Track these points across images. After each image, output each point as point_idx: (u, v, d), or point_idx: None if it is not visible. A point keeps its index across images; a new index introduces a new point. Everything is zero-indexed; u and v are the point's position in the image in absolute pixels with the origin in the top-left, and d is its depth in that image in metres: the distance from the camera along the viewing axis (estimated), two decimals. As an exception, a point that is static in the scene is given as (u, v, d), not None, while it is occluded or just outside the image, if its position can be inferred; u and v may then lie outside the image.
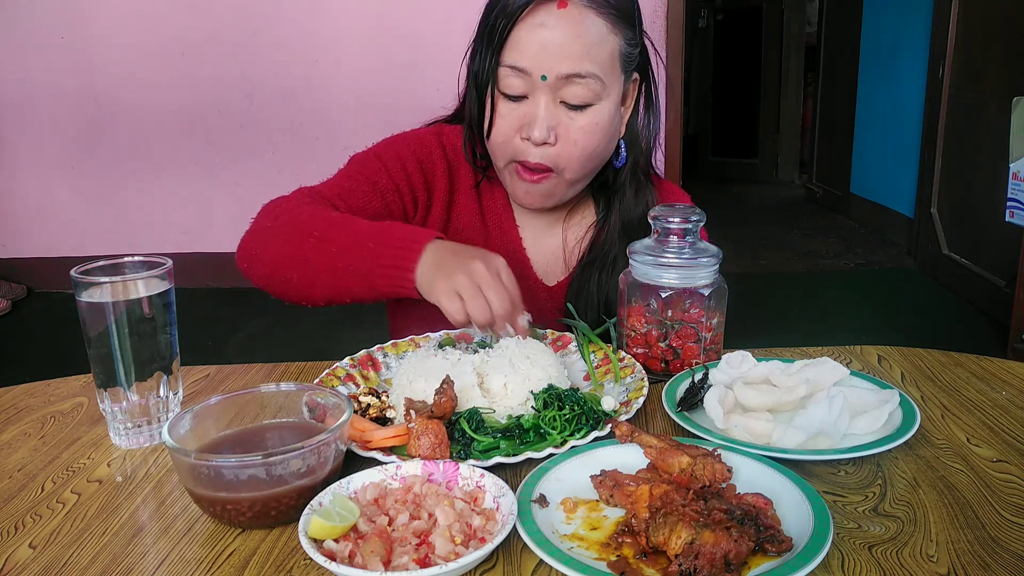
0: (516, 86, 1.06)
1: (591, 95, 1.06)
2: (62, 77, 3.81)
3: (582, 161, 1.10)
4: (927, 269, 3.99)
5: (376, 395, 0.89)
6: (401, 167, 1.18)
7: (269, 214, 1.11)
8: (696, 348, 0.99)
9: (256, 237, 1.09)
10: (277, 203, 1.12)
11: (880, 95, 4.71)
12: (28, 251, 4.04)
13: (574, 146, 1.08)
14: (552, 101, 1.06)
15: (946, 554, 0.64)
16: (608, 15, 1.05)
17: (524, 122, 1.07)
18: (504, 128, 1.09)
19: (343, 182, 1.17)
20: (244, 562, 0.65)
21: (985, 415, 0.89)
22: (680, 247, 0.98)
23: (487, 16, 1.08)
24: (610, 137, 1.12)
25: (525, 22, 1.04)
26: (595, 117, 1.08)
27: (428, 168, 1.20)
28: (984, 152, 3.36)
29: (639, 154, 1.19)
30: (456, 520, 0.65)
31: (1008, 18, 3.23)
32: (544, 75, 1.04)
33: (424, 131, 1.24)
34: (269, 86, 3.84)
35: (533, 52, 1.04)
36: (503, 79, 1.07)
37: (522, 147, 1.08)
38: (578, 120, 1.07)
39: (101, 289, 0.84)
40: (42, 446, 0.88)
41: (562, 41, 1.03)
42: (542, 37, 1.03)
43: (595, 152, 1.10)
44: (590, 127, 1.08)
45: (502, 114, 1.09)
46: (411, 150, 1.19)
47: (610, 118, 1.10)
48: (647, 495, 0.67)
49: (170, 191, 3.98)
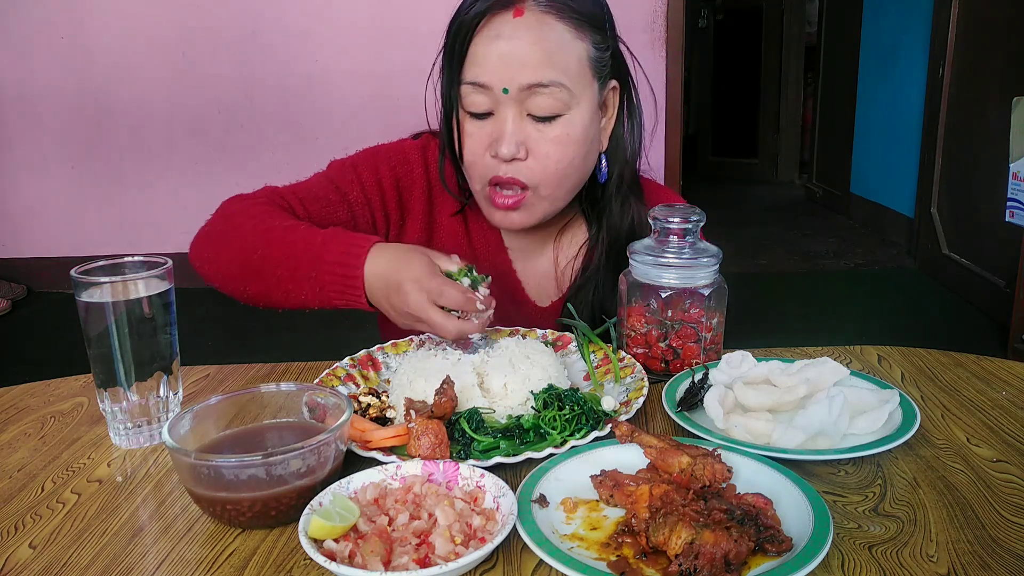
0: (480, 103, 1.02)
1: (558, 105, 1.01)
2: (62, 77, 3.81)
3: (557, 176, 1.05)
4: (927, 269, 3.99)
5: (376, 395, 0.89)
6: (376, 182, 1.15)
7: (222, 216, 1.09)
8: (696, 348, 0.99)
9: (207, 240, 1.08)
10: (233, 202, 1.10)
11: (880, 95, 4.70)
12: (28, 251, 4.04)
13: (546, 159, 1.03)
14: (519, 115, 1.02)
15: (946, 554, 0.64)
16: (570, 19, 1.00)
17: (492, 139, 1.03)
18: (473, 147, 1.05)
19: (313, 187, 1.14)
20: (244, 562, 0.65)
21: (985, 415, 0.89)
22: (680, 247, 0.98)
23: (447, 35, 1.05)
24: (586, 149, 1.07)
25: (481, 35, 1.00)
26: (566, 128, 1.03)
27: (405, 187, 1.17)
28: (984, 152, 3.36)
29: (623, 166, 1.14)
30: (456, 520, 0.65)
31: (1008, 18, 3.23)
32: (505, 88, 1.00)
33: (410, 145, 1.19)
34: (269, 86, 3.84)
35: (492, 65, 1.00)
36: (466, 97, 1.03)
37: (492, 165, 1.04)
38: (548, 132, 1.02)
39: (101, 289, 0.84)
40: (42, 446, 0.88)
41: (521, 51, 0.99)
42: (500, 49, 0.99)
43: (570, 165, 1.05)
44: (561, 139, 1.03)
45: (469, 133, 1.05)
46: (390, 165, 1.16)
47: (584, 129, 1.05)
48: (647, 495, 0.67)
49: (170, 191, 3.98)
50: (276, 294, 1.01)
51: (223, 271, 1.05)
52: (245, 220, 1.05)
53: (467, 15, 1.01)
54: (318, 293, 0.98)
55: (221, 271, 1.06)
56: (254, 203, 1.09)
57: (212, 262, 1.07)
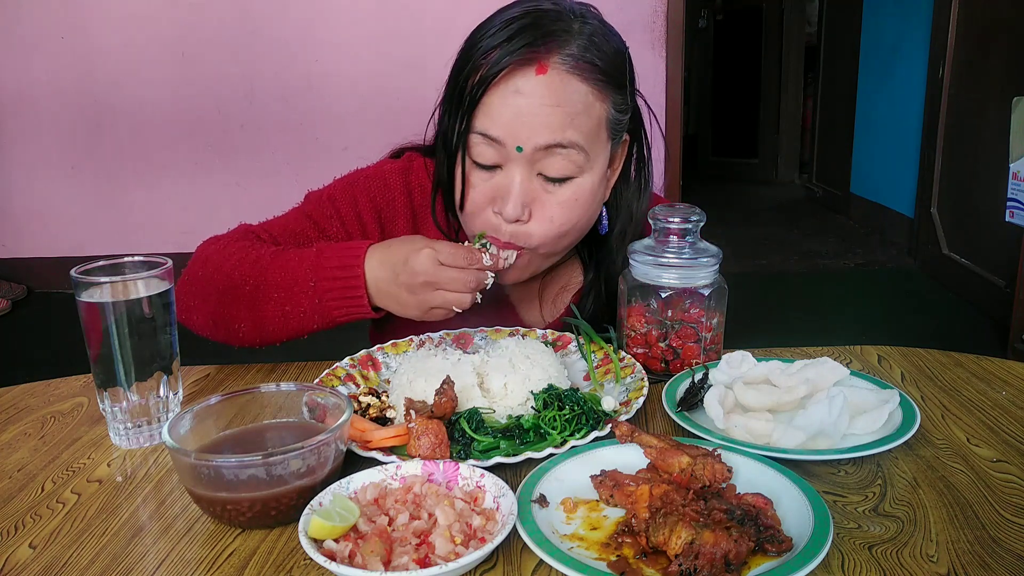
0: (489, 155, 0.96)
1: (573, 168, 0.96)
2: (62, 77, 3.81)
3: (558, 238, 1.00)
4: (927, 269, 3.99)
5: (376, 395, 0.89)
6: (355, 215, 1.10)
7: (201, 260, 1.05)
8: (696, 348, 0.99)
9: (189, 287, 1.04)
10: (208, 245, 1.07)
11: (880, 95, 4.70)
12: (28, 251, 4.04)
13: (550, 223, 0.98)
14: (528, 175, 0.96)
15: (946, 554, 0.64)
16: (594, 80, 0.95)
17: (497, 194, 0.98)
18: (476, 199, 0.99)
19: (289, 223, 1.10)
20: (244, 562, 0.65)
21: (985, 415, 0.88)
22: (680, 247, 0.98)
23: (456, 76, 0.98)
24: (593, 209, 1.03)
25: (499, 87, 0.93)
26: (576, 191, 0.98)
27: (387, 217, 1.12)
28: (984, 152, 3.36)
29: (626, 222, 1.09)
30: (456, 520, 0.65)
31: (1008, 18, 3.23)
32: (520, 147, 0.94)
33: (390, 168, 1.13)
34: (269, 86, 3.84)
35: (507, 120, 0.93)
36: (474, 147, 0.97)
37: (494, 221, 0.99)
38: (557, 194, 0.98)
39: (101, 289, 0.84)
40: (42, 446, 0.88)
41: (540, 110, 0.92)
42: (518, 105, 0.93)
43: (574, 227, 1.01)
44: (569, 202, 0.98)
45: (473, 184, 0.99)
46: (369, 195, 1.10)
47: (593, 192, 1.00)
48: (647, 495, 0.67)
49: (170, 191, 3.98)
50: (272, 321, 0.99)
51: (212, 313, 1.02)
52: (227, 258, 1.02)
53: (484, 65, 0.93)
54: (317, 305, 0.97)
55: (210, 314, 1.02)
56: (230, 242, 1.05)
57: (198, 309, 1.03)
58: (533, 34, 0.93)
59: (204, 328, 1.05)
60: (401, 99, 3.73)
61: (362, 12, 3.75)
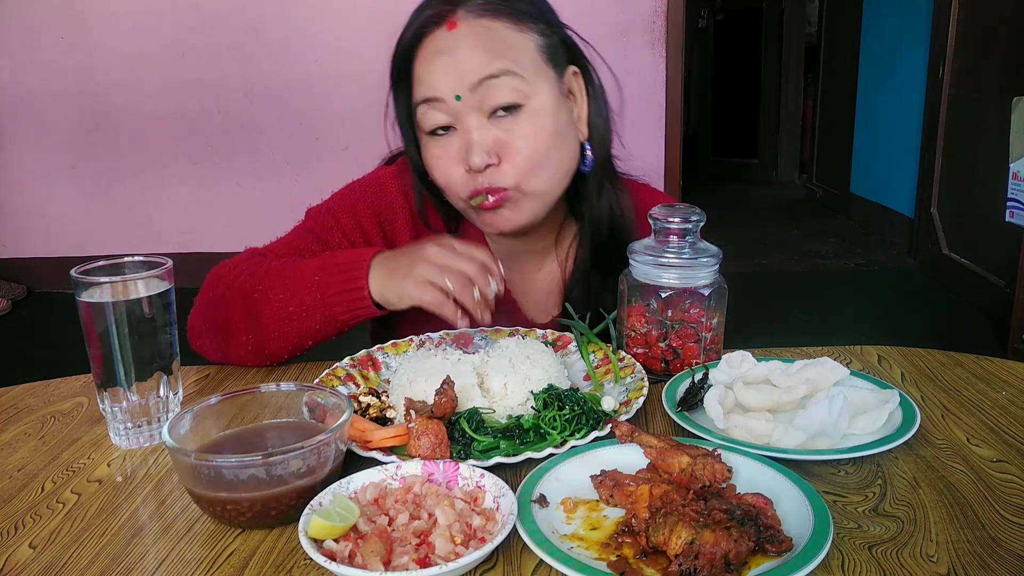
0: (436, 118, 1.01)
1: (515, 94, 0.99)
2: (62, 77, 3.82)
3: (534, 171, 1.02)
4: (927, 269, 3.99)
5: (376, 395, 0.89)
6: (356, 224, 1.12)
7: (210, 284, 1.07)
8: (696, 348, 0.99)
9: (201, 311, 1.06)
10: (219, 270, 1.08)
11: (880, 95, 4.71)
12: (28, 251, 4.05)
13: (518, 156, 1.00)
14: (480, 120, 1.00)
15: (946, 554, 0.64)
16: (506, 16, 1.00)
17: (461, 154, 1.01)
18: (444, 168, 1.03)
19: (292, 242, 1.12)
20: (244, 562, 0.65)
21: (985, 415, 0.88)
22: (680, 247, 0.98)
23: (391, 66, 1.05)
24: (560, 139, 1.04)
25: (421, 55, 1.00)
26: (531, 120, 1.00)
27: (387, 220, 1.14)
28: (984, 152, 3.36)
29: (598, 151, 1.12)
30: (456, 520, 0.65)
31: (1008, 18, 3.23)
32: (457, 95, 0.98)
33: (385, 174, 1.16)
34: (269, 86, 3.85)
35: (437, 78, 0.99)
36: (423, 119, 1.02)
37: (468, 179, 1.02)
38: (514, 128, 1.00)
39: (101, 289, 0.84)
40: (42, 446, 0.88)
41: (462, 57, 0.98)
42: (441, 62, 0.99)
43: (546, 157, 1.02)
44: (529, 133, 1.00)
45: (437, 155, 1.03)
46: (368, 202, 1.13)
47: (551, 118, 1.02)
48: (647, 495, 0.67)
49: (170, 191, 3.98)
50: (278, 326, 1.00)
51: (223, 329, 1.03)
52: (237, 275, 1.04)
53: (404, 41, 1.01)
54: (319, 301, 0.97)
55: (220, 332, 1.03)
56: (239, 262, 1.07)
57: (210, 331, 1.05)
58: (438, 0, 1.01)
59: (217, 351, 1.06)
60: (401, 99, 3.73)
61: (362, 12, 3.75)
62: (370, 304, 0.97)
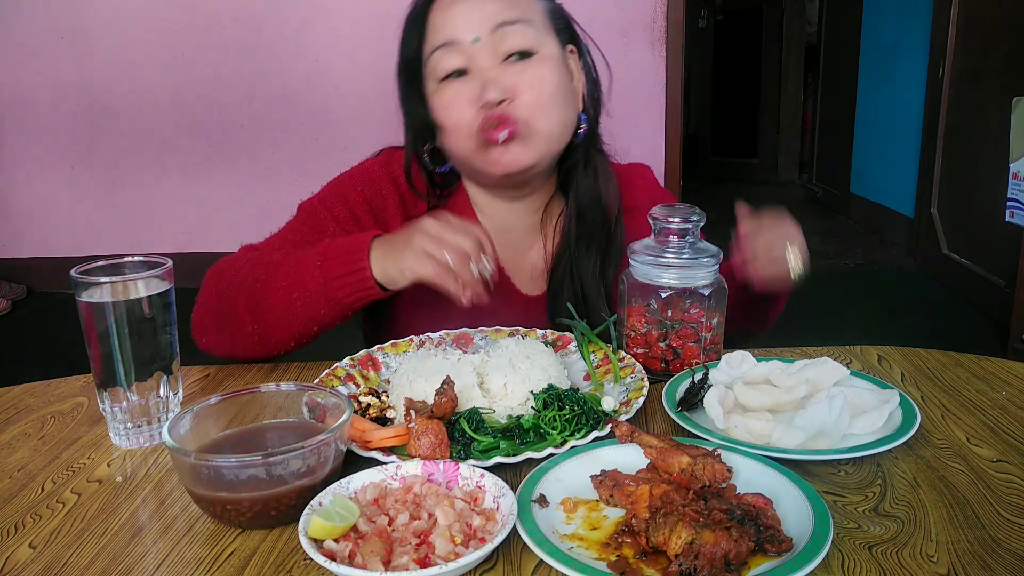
0: (452, 62, 1.05)
1: (529, 41, 1.06)
2: (62, 77, 3.82)
3: (543, 109, 1.06)
4: (927, 269, 3.99)
5: (376, 395, 0.89)
6: (348, 212, 1.15)
7: (211, 280, 1.09)
8: (696, 348, 0.99)
9: (203, 308, 1.08)
10: (219, 266, 1.10)
11: (880, 95, 4.70)
12: (28, 251, 4.05)
13: (531, 92, 1.05)
14: (495, 61, 1.05)
15: (946, 554, 0.64)
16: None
17: (476, 94, 1.05)
18: (458, 107, 1.06)
19: (288, 235, 1.14)
20: (244, 562, 0.65)
21: (985, 415, 0.88)
22: (680, 247, 0.98)
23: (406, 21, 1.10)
24: (564, 95, 1.10)
25: (439, 4, 1.06)
26: (541, 67, 1.06)
27: (378, 206, 1.17)
28: (984, 152, 3.36)
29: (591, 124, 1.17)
30: (456, 520, 0.65)
31: (1008, 18, 3.23)
32: (476, 37, 1.04)
33: (371, 164, 1.19)
34: (269, 86, 3.84)
35: (455, 23, 1.05)
36: (438, 64, 1.06)
37: (481, 116, 1.05)
38: (526, 72, 1.06)
39: (101, 289, 0.84)
40: (42, 446, 0.88)
41: (482, 3, 1.05)
42: (461, 8, 1.05)
43: (553, 99, 1.07)
44: (540, 77, 1.06)
45: (450, 98, 1.06)
46: (358, 190, 1.16)
47: (557, 73, 1.08)
48: (647, 495, 0.67)
49: (170, 191, 3.98)
50: (283, 314, 1.00)
51: (226, 322, 1.04)
52: (238, 270, 1.05)
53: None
54: (322, 286, 0.98)
55: (225, 326, 1.05)
56: (237, 258, 1.09)
57: (214, 325, 1.06)
58: None
59: (223, 345, 1.07)
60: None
61: (362, 12, 3.74)
62: (373, 284, 0.97)
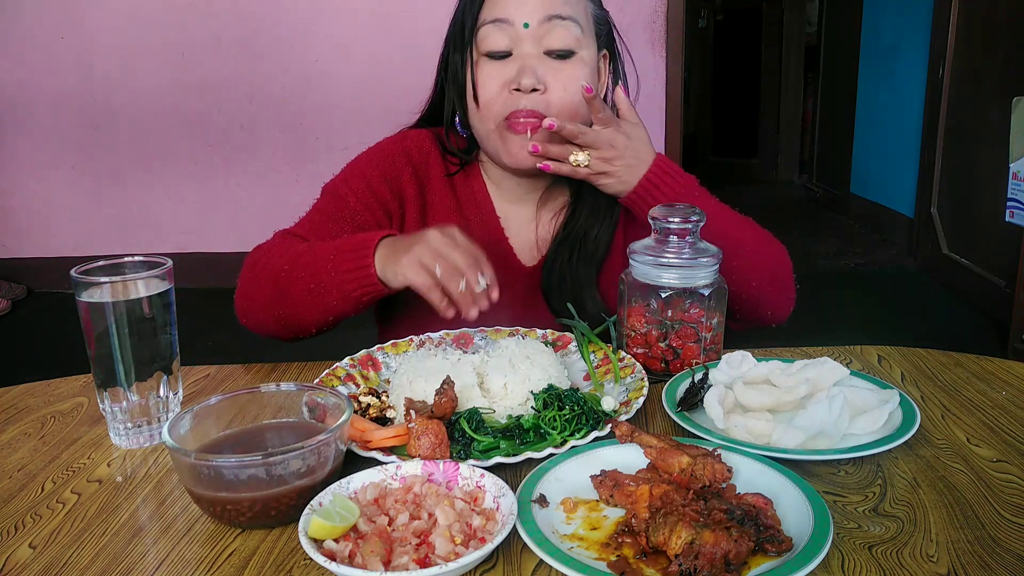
0: (500, 41, 1.09)
1: (573, 41, 1.09)
2: (62, 77, 3.81)
3: (570, 111, 1.10)
4: (927, 269, 3.99)
5: (376, 395, 0.89)
6: (368, 187, 1.19)
7: (249, 267, 1.13)
8: (696, 348, 0.99)
9: (243, 292, 1.12)
10: (255, 253, 1.14)
11: (880, 95, 4.70)
12: (28, 251, 4.04)
13: (563, 91, 1.09)
14: (537, 52, 1.08)
15: (946, 554, 0.64)
16: None
17: (510, 77, 1.09)
18: (493, 87, 1.10)
19: (314, 216, 1.19)
20: (244, 562, 0.65)
21: (985, 415, 0.89)
22: (680, 247, 0.98)
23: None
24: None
25: None
26: (578, 67, 1.10)
27: (393, 179, 1.21)
28: (984, 152, 3.36)
29: None
30: (456, 520, 0.65)
31: (1008, 18, 3.23)
32: (527, 22, 1.07)
33: (387, 142, 1.25)
34: (269, 86, 3.84)
35: (514, 4, 1.08)
36: (486, 38, 1.09)
37: (512, 100, 1.09)
38: (563, 69, 1.09)
39: (101, 289, 0.84)
40: (42, 446, 0.88)
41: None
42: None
43: (581, 104, 1.10)
44: (575, 77, 1.09)
45: (488, 74, 1.10)
46: (375, 166, 1.21)
47: (593, 74, 1.13)
48: (647, 495, 0.67)
49: (170, 191, 3.98)
50: (302, 302, 1.03)
51: (261, 306, 1.08)
52: (271, 258, 1.09)
53: None
54: (334, 278, 1.00)
55: (260, 309, 1.08)
56: (272, 245, 1.14)
57: (251, 309, 1.10)
58: None
59: (261, 325, 1.10)
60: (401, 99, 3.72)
61: (362, 12, 3.74)
62: (377, 281, 0.99)
